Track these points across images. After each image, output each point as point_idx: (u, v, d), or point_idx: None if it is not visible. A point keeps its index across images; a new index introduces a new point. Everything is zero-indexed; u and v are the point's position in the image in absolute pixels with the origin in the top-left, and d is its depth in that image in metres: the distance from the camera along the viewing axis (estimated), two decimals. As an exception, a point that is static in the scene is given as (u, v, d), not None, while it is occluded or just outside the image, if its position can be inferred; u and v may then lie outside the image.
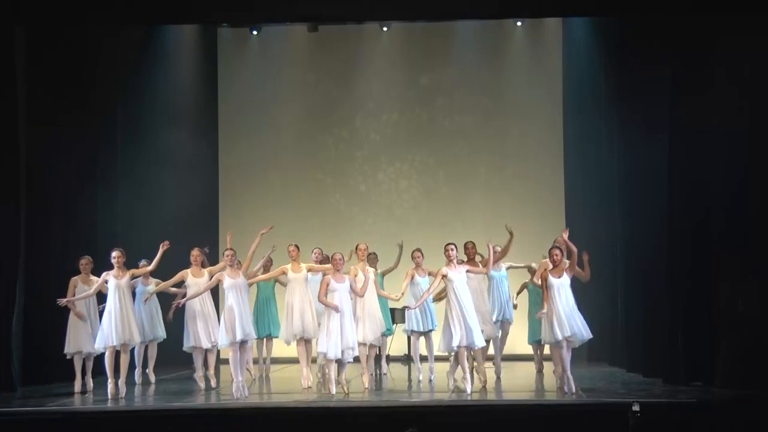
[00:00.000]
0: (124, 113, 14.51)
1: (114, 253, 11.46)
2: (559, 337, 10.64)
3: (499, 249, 12.37)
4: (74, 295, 11.52)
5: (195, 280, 11.82)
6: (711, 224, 11.27)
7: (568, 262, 11.04)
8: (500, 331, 12.64)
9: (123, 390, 11.30)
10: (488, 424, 9.69)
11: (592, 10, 12.86)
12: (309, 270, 12.08)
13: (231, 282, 11.02)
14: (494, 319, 12.43)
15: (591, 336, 10.89)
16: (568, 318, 10.66)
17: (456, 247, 11.18)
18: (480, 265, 11.75)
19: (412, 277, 11.98)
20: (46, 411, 10.23)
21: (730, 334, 10.94)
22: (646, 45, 12.46)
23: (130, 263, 11.81)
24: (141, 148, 14.97)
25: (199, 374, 12.10)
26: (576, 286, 12.97)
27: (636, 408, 8.85)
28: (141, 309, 12.40)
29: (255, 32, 17.17)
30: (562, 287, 10.72)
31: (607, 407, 9.72)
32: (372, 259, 12.47)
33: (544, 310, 10.72)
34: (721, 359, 10.98)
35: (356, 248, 12.09)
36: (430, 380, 12.25)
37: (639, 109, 12.71)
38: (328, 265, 11.56)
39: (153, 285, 12.43)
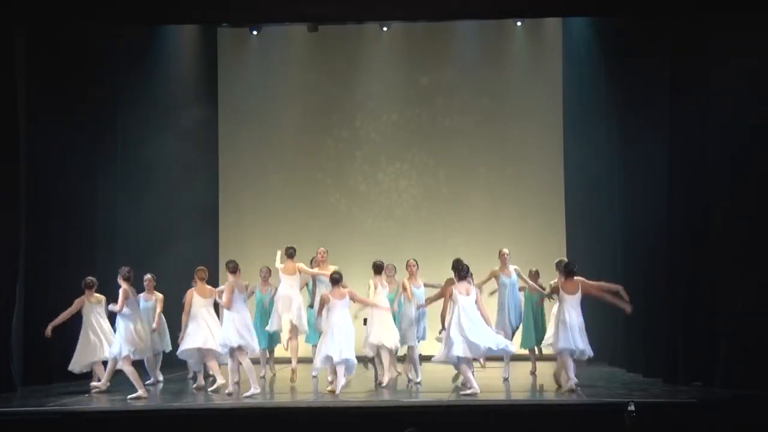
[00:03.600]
0: (124, 113, 14.47)
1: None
2: (573, 347, 11.14)
3: (507, 252, 12.59)
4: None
5: (200, 299, 11.84)
6: (711, 223, 11.28)
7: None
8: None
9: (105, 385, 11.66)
10: (488, 424, 9.70)
11: (592, 10, 12.87)
12: (299, 271, 12.94)
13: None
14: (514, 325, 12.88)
15: (592, 354, 11.48)
16: (581, 333, 11.22)
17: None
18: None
19: (405, 289, 12.18)
20: (46, 411, 10.24)
21: (730, 334, 10.95)
22: (645, 45, 12.47)
23: (129, 263, 11.81)
24: (140, 147, 14.92)
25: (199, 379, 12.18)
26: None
27: (631, 408, 8.84)
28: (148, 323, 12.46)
29: (255, 32, 17.14)
30: (575, 302, 11.27)
31: (606, 407, 9.74)
32: (390, 269, 12.48)
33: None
34: (721, 359, 10.98)
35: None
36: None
37: (638, 109, 12.72)
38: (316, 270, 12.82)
39: (154, 301, 12.49)
